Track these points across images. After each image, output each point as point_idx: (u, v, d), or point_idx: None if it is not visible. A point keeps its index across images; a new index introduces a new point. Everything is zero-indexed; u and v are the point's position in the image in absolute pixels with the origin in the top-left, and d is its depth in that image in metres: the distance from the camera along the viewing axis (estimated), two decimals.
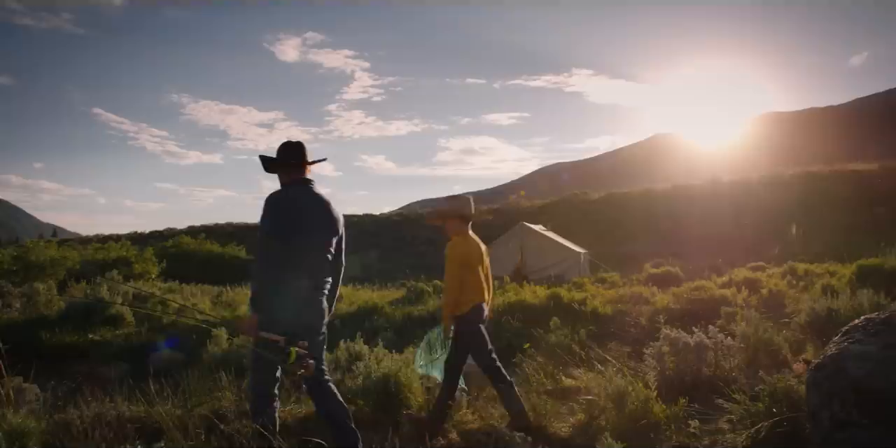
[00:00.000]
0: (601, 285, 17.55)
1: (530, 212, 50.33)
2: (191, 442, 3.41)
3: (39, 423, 3.79)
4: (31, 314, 13.58)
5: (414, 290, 16.71)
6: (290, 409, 5.94)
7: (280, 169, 4.70)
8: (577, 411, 5.45)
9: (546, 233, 28.90)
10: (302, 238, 4.41)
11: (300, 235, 4.40)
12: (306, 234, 4.44)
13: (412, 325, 12.23)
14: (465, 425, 5.26)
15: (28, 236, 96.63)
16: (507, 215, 49.94)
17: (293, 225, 4.38)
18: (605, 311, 11.81)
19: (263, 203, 4.43)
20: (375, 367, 5.77)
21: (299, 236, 4.39)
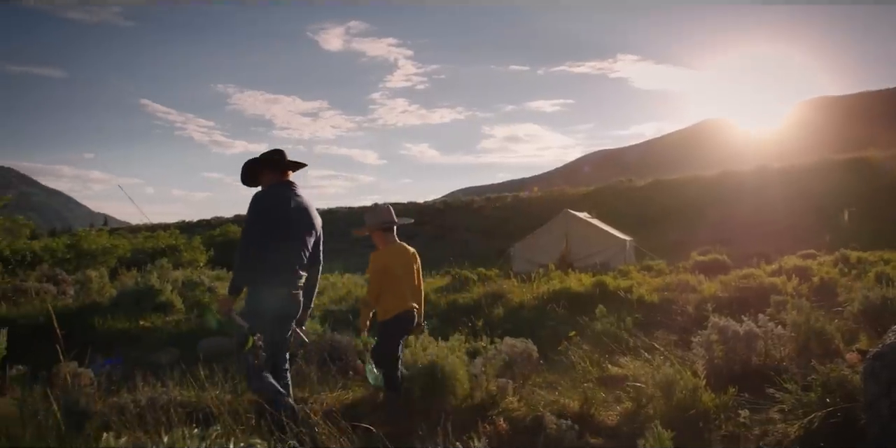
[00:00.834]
0: (647, 273, 17.38)
1: (575, 199, 50.02)
2: (241, 426, 3.46)
3: (94, 406, 3.87)
4: (84, 301, 13.88)
5: (458, 278, 16.70)
6: (336, 394, 6.00)
7: (264, 171, 4.99)
8: (624, 400, 5.41)
9: (591, 220, 28.71)
10: (283, 235, 4.73)
11: (281, 232, 4.72)
12: (287, 231, 4.76)
13: (457, 313, 12.24)
14: (511, 412, 5.25)
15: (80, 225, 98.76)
16: (551, 203, 49.74)
17: (276, 222, 4.70)
18: (651, 300, 11.70)
19: (250, 200, 4.76)
20: (421, 354, 5.78)
21: (280, 233, 4.71)
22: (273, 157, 5.00)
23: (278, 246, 4.70)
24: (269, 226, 4.67)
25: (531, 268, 19.60)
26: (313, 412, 4.37)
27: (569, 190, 59.72)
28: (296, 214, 4.86)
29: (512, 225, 44.51)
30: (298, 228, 4.88)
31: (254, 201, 4.76)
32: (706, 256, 19.49)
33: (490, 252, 33.84)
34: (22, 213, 20.01)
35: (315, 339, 8.42)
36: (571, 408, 5.24)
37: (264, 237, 4.64)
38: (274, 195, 4.83)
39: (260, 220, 4.67)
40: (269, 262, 4.64)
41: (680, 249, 25.85)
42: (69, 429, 3.33)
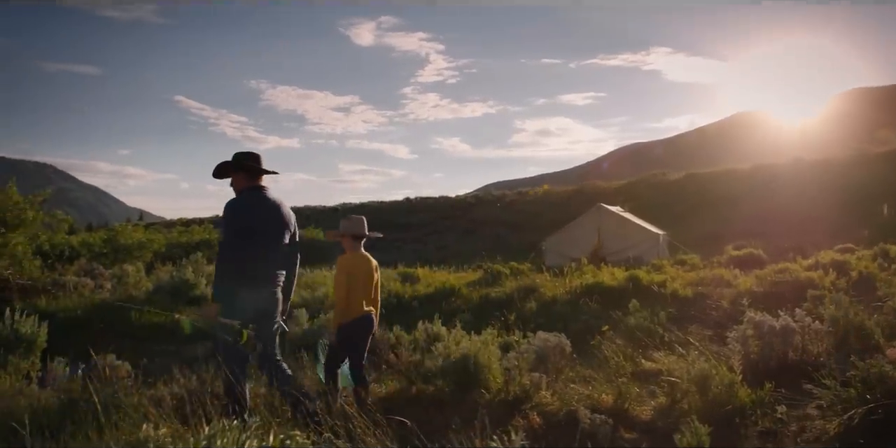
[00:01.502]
0: (681, 267, 17.23)
1: (608, 193, 49.71)
2: (277, 419, 3.49)
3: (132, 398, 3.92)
4: (121, 295, 14.09)
5: (491, 272, 16.68)
6: (371, 388, 6.02)
7: (239, 174, 5.25)
8: (658, 395, 5.38)
9: (624, 214, 28.50)
10: (258, 238, 5.01)
11: (256, 236, 5.00)
12: (262, 234, 5.05)
13: (490, 307, 12.23)
14: (545, 407, 5.24)
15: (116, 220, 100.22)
16: (584, 197, 49.48)
17: (250, 228, 4.98)
18: (685, 294, 11.61)
19: (224, 208, 5.07)
20: (454, 348, 5.79)
21: (256, 237, 4.99)
22: (249, 162, 5.26)
23: (255, 250, 4.98)
24: (244, 232, 4.95)
25: (563, 262, 19.52)
26: (348, 405, 4.40)
27: (601, 184, 59.34)
28: (269, 218, 5.15)
29: (544, 219, 44.29)
30: (272, 231, 5.16)
31: (228, 209, 5.05)
32: (741, 251, 19.27)
33: (522, 246, 33.74)
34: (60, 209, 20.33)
35: None
36: (605, 402, 5.22)
37: (241, 244, 4.92)
38: (246, 203, 5.12)
39: (236, 228, 4.96)
40: (248, 267, 4.92)
41: (714, 243, 25.57)
42: (109, 420, 3.38)
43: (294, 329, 9.54)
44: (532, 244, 30.89)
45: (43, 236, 17.53)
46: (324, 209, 66.83)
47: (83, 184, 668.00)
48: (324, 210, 66.30)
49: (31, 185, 18.30)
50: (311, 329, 9.45)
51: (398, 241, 50.62)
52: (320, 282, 16.66)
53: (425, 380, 5.98)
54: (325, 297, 13.54)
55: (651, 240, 26.16)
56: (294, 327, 9.60)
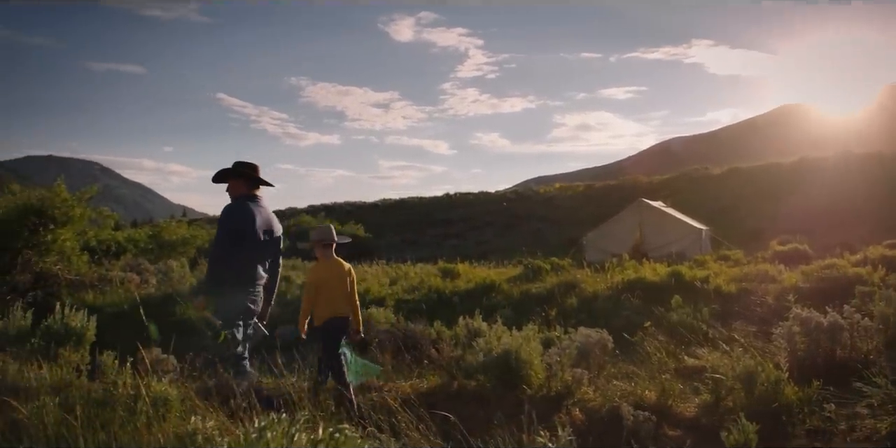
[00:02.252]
0: (724, 263, 17.04)
1: (649, 188, 49.25)
2: (321, 413, 3.52)
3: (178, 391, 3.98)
4: (166, 289, 14.32)
5: (531, 268, 16.64)
6: (411, 383, 6.04)
7: (238, 182, 5.63)
8: (702, 392, 5.31)
9: (665, 209, 28.24)
10: (249, 245, 5.41)
11: (248, 243, 5.39)
12: (253, 242, 5.44)
13: (530, 303, 12.21)
14: (587, 403, 5.21)
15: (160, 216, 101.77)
16: (624, 191, 49.07)
17: (243, 235, 5.37)
18: (728, 290, 11.48)
19: (221, 211, 5.52)
20: (496, 343, 5.78)
21: (247, 243, 5.39)
22: (249, 172, 5.65)
23: (244, 255, 5.40)
24: (237, 237, 5.35)
25: (604, 257, 19.40)
26: (391, 399, 4.42)
27: (642, 178, 58.79)
28: (261, 227, 5.51)
29: (584, 214, 44.06)
30: (262, 239, 5.53)
31: (225, 214, 5.49)
32: (785, 246, 18.98)
33: (562, 242, 33.60)
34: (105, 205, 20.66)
35: (388, 328, 8.51)
36: (648, 399, 5.17)
37: (233, 247, 5.33)
38: (242, 210, 5.48)
39: (230, 232, 5.37)
40: (235, 269, 5.35)
41: (758, 239, 25.24)
42: (157, 412, 3.44)
43: None
44: (572, 240, 30.76)
45: (90, 232, 17.84)
46: (363, 205, 67.19)
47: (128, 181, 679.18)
48: (363, 206, 66.66)
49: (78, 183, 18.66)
50: None
51: (438, 237, 50.72)
52: (361, 277, 16.76)
53: (467, 375, 5.98)
54: (366, 292, 13.62)
55: (693, 235, 25.88)
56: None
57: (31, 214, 14.00)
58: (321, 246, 6.11)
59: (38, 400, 3.49)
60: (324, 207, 64.19)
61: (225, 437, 2.53)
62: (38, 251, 14.38)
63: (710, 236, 27.55)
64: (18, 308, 6.31)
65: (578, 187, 61.70)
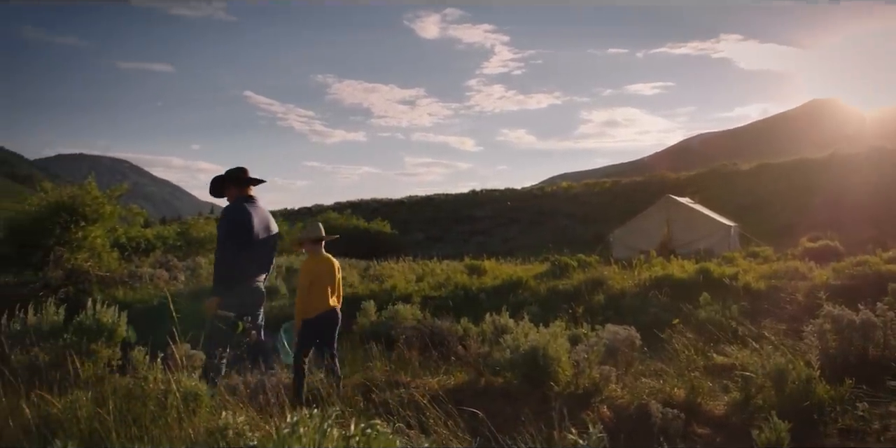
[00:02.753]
0: (753, 260, 16.86)
1: (676, 184, 48.86)
2: (350, 409, 3.54)
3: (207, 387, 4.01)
4: (194, 286, 14.44)
5: (558, 264, 16.58)
6: (438, 379, 6.05)
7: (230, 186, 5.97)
8: (731, 389, 5.27)
9: (693, 205, 28.00)
10: (251, 243, 5.75)
11: (250, 241, 5.74)
12: (254, 240, 5.77)
13: (557, 299, 12.17)
14: (615, 400, 5.19)
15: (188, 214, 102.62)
16: (652, 188, 48.77)
17: (245, 233, 5.71)
18: (757, 287, 11.36)
19: (222, 212, 5.98)
20: (523, 340, 5.77)
21: (249, 241, 5.73)
22: (238, 174, 5.99)
23: (248, 252, 5.75)
24: (240, 236, 5.70)
25: (631, 254, 19.29)
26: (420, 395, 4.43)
27: (669, 175, 58.34)
28: (259, 225, 5.85)
29: (611, 211, 43.87)
30: (261, 236, 5.89)
31: (226, 214, 5.88)
32: (816, 243, 18.75)
33: (588, 238, 33.49)
34: (135, 203, 20.91)
35: (415, 324, 8.53)
36: (677, 396, 5.14)
37: (238, 246, 5.67)
38: (241, 209, 5.81)
39: (233, 232, 5.71)
40: (242, 266, 5.71)
41: (788, 235, 24.93)
42: (187, 407, 3.48)
43: (363, 320, 9.64)
44: (599, 236, 30.64)
45: (120, 230, 18.06)
46: (390, 202, 67.32)
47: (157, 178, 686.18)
48: (390, 203, 66.79)
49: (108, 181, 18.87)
50: (379, 321, 9.53)
51: (464, 234, 50.73)
52: (387, 273, 16.80)
53: (494, 372, 5.98)
54: (392, 288, 13.65)
55: (722, 231, 25.65)
56: (363, 319, 9.70)
57: (63, 212, 14.21)
58: (312, 243, 6.40)
59: (72, 394, 3.55)
60: (350, 204, 64.35)
61: (255, 433, 2.56)
62: (69, 248, 14.59)
63: (739, 233, 27.28)
64: (51, 304, 6.39)
65: (605, 184, 61.34)
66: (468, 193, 68.13)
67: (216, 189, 6.06)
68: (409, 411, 3.51)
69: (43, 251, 14.33)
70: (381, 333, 8.60)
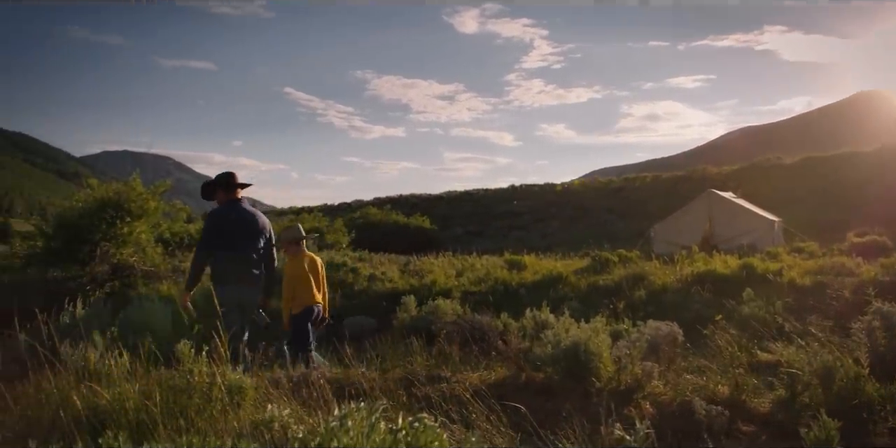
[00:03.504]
0: (798, 255, 16.59)
1: (718, 178, 48.21)
2: (392, 403, 3.56)
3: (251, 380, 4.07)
4: None
5: (598, 260, 16.47)
6: (479, 374, 6.05)
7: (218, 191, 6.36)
8: (777, 387, 5.19)
9: (736, 200, 27.63)
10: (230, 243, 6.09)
11: (228, 241, 6.09)
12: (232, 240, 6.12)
13: (598, 295, 12.10)
14: (657, 397, 5.14)
15: None
16: (693, 183, 48.21)
17: (222, 234, 6.09)
18: (802, 283, 11.19)
19: (207, 215, 6.41)
20: (564, 335, 5.74)
21: (227, 242, 6.08)
22: (226, 180, 6.36)
23: (226, 252, 6.06)
24: (217, 237, 6.10)
25: (673, 249, 19.10)
26: (462, 390, 4.44)
27: (711, 169, 57.60)
28: (239, 226, 6.19)
29: (652, 205, 43.41)
30: (242, 237, 6.19)
31: (207, 217, 6.40)
32: (863, 238, 18.41)
33: (629, 233, 33.21)
34: (178, 199, 21.26)
35: (455, 319, 8.53)
36: (721, 393, 5.08)
37: (213, 246, 6.09)
38: (221, 213, 6.23)
39: (210, 233, 6.17)
40: (220, 266, 6.02)
41: (834, 231, 24.49)
42: (232, 399, 3.53)
43: (403, 315, 9.68)
44: (639, 231, 30.37)
45: (163, 225, 18.34)
46: (429, 197, 67.46)
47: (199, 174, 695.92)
48: (429, 198, 66.93)
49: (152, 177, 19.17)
50: (419, 315, 9.57)
51: (503, 229, 50.67)
52: (427, 268, 16.84)
53: (534, 367, 5.96)
54: (432, 283, 13.68)
55: (765, 227, 25.28)
56: (403, 314, 9.74)
57: (109, 208, 14.45)
58: (294, 244, 6.94)
59: (119, 386, 3.61)
60: (389, 200, 64.66)
61: (300, 426, 2.58)
62: (115, 243, 14.85)
63: (783, 228, 26.87)
64: (99, 298, 6.53)
65: (646, 178, 60.80)
66: (507, 188, 68.00)
67: (207, 193, 6.50)
68: (451, 405, 3.52)
69: (90, 247, 14.60)
70: (421, 328, 8.64)
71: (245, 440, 2.58)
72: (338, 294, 13.69)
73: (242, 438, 2.64)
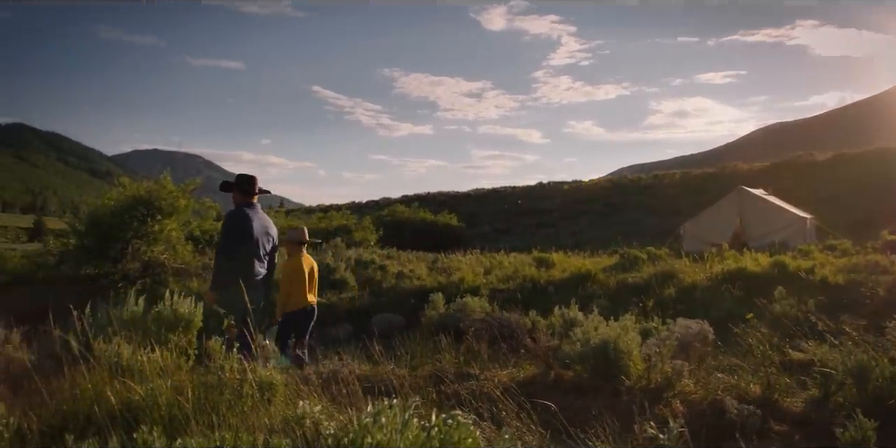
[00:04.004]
0: (830, 253, 16.37)
1: (749, 175, 47.72)
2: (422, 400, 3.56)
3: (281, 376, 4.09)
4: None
5: (627, 257, 16.37)
6: (508, 372, 6.04)
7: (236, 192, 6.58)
8: (810, 386, 5.12)
9: (767, 197, 27.31)
10: (247, 245, 6.35)
11: (246, 243, 6.35)
12: (250, 242, 6.38)
13: (627, 293, 12.02)
14: (687, 395, 5.10)
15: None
16: (723, 180, 47.76)
17: (241, 236, 6.35)
18: (835, 281, 11.05)
19: (225, 217, 6.73)
20: (593, 333, 5.71)
21: (245, 244, 6.35)
22: (247, 183, 6.62)
23: (244, 253, 6.33)
24: (236, 239, 6.35)
25: (702, 247, 18.92)
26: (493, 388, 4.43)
27: (741, 166, 57.01)
28: (258, 230, 6.46)
29: (681, 203, 43.01)
30: (258, 240, 6.47)
31: (226, 219, 6.64)
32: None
33: (659, 231, 32.96)
34: (208, 197, 21.41)
35: (483, 317, 8.53)
36: (753, 393, 5.02)
37: (235, 247, 6.32)
38: (241, 215, 6.46)
39: (230, 235, 6.42)
40: (238, 266, 6.22)
41: (867, 228, 24.17)
42: (262, 396, 3.55)
43: (431, 313, 9.69)
44: (669, 229, 30.14)
45: (194, 223, 18.49)
46: (456, 195, 67.44)
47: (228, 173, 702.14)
48: (456, 196, 66.90)
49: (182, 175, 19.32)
50: (447, 313, 9.57)
51: (531, 227, 50.51)
52: (455, 266, 16.84)
53: (563, 365, 5.94)
54: (460, 281, 13.68)
55: (797, 224, 24.96)
56: (431, 311, 9.75)
57: (140, 206, 14.62)
58: (296, 244, 7.29)
59: (152, 382, 3.65)
60: (417, 197, 64.70)
61: (331, 422, 2.59)
62: (146, 241, 15.03)
63: (815, 225, 26.52)
64: (131, 295, 6.60)
65: (675, 175, 60.32)
66: (535, 186, 67.78)
67: (226, 187, 6.75)
68: (480, 403, 3.51)
69: (121, 244, 14.78)
70: (449, 325, 8.64)
71: (277, 436, 2.60)
72: (366, 291, 13.75)
73: (274, 434, 2.65)
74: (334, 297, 13.16)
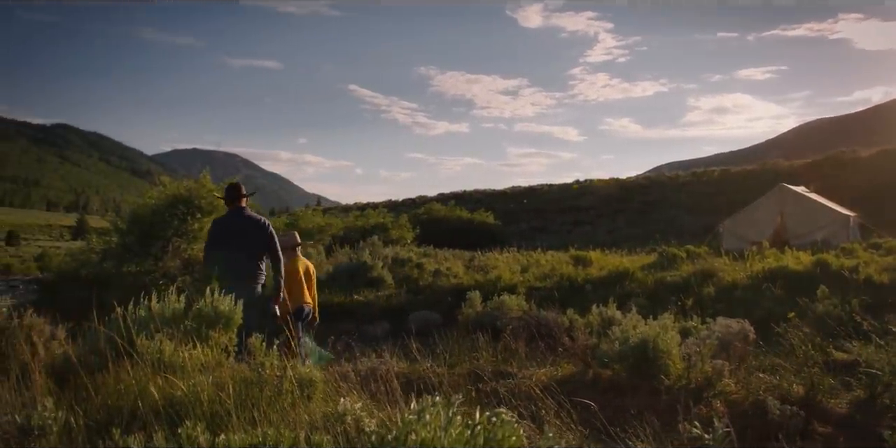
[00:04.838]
0: (875, 251, 16.04)
1: (790, 172, 46.94)
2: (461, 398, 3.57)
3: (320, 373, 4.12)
4: None
5: (665, 256, 16.21)
6: (546, 370, 6.03)
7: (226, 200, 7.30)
8: (854, 387, 5.03)
9: (809, 194, 26.85)
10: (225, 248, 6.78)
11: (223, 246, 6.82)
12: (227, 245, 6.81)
13: (665, 291, 11.91)
14: (728, 395, 5.04)
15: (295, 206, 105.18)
16: (763, 177, 47.09)
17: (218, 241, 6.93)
18: (880, 280, 10.83)
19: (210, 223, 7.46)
20: (632, 332, 5.67)
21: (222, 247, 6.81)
22: (226, 192, 7.34)
23: (222, 255, 6.69)
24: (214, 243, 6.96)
25: (742, 245, 18.68)
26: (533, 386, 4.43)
27: (782, 162, 56.10)
28: (233, 233, 6.91)
29: (721, 200, 42.44)
30: (236, 243, 6.83)
31: (212, 224, 7.28)
32: None
33: (697, 229, 32.57)
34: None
35: (521, 315, 8.51)
36: (795, 393, 4.95)
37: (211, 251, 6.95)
38: (218, 222, 7.19)
39: (209, 240, 7.09)
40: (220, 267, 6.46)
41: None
42: (302, 392, 3.58)
43: (468, 311, 9.70)
44: (708, 227, 29.78)
45: None
46: (493, 193, 67.28)
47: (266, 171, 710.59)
48: (493, 193, 66.75)
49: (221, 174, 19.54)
50: (484, 311, 9.57)
51: (567, 225, 50.25)
52: (492, 264, 16.82)
53: (602, 364, 5.91)
54: (497, 279, 13.67)
55: (840, 222, 24.50)
56: (468, 309, 9.76)
57: (180, 204, 14.80)
58: (288, 249, 7.60)
59: (193, 378, 3.70)
60: (453, 195, 64.65)
61: (372, 419, 2.60)
62: (186, 239, 15.21)
63: (859, 223, 26.01)
64: (172, 292, 6.70)
65: (714, 173, 59.48)
66: (572, 183, 67.40)
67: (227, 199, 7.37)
68: (519, 401, 3.51)
69: (162, 242, 14.99)
70: (486, 323, 8.63)
71: (318, 433, 2.62)
72: (403, 289, 13.80)
73: (315, 431, 2.67)
74: (371, 295, 13.22)
